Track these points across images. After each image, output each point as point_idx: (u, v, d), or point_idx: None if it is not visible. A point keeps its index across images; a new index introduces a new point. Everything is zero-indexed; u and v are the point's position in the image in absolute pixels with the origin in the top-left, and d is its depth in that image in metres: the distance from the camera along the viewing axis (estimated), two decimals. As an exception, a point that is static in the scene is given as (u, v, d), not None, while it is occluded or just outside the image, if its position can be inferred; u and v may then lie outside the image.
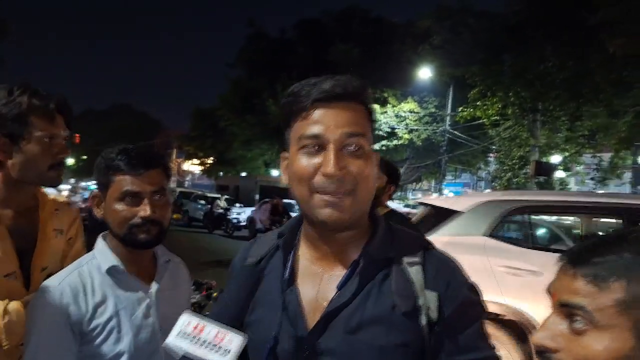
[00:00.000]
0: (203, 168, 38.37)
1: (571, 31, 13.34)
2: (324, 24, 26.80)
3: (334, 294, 0.95)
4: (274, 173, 28.33)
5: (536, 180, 16.83)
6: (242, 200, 24.36)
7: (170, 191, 1.48)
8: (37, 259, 1.56)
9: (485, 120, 17.42)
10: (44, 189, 1.69)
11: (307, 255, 1.02)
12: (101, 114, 65.02)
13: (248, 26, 27.93)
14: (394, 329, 0.91)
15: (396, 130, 22.50)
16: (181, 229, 20.28)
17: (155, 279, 1.43)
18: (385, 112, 22.31)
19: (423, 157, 24.74)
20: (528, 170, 16.94)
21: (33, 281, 1.52)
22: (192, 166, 48.67)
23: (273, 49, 26.62)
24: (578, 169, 20.13)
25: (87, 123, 54.46)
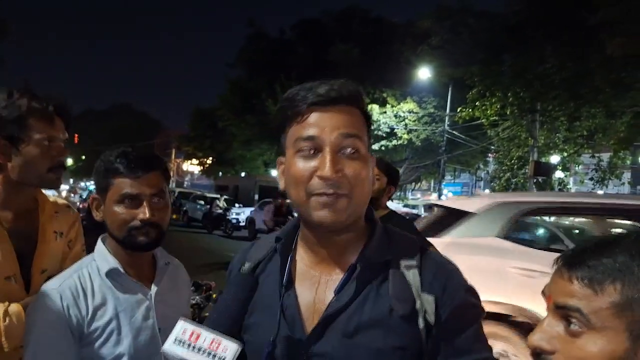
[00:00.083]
0: (202, 168, 38.36)
1: (571, 31, 13.35)
2: (323, 24, 26.81)
3: (332, 298, 0.95)
4: (274, 173, 28.31)
5: (535, 180, 16.85)
6: (242, 201, 24.36)
7: (170, 192, 1.48)
8: (37, 261, 1.56)
9: (484, 120, 17.42)
10: (44, 191, 1.69)
11: (305, 259, 1.02)
12: (101, 114, 64.98)
13: (248, 26, 27.97)
14: (391, 332, 0.91)
15: (395, 130, 22.51)
16: (180, 229, 20.27)
17: (154, 281, 1.44)
18: (385, 112, 22.32)
19: (422, 157, 24.74)
20: (527, 171, 16.96)
21: (33, 284, 1.52)
22: (192, 166, 48.64)
23: (273, 49, 26.63)
24: (577, 169, 20.15)
25: (87, 123, 54.41)
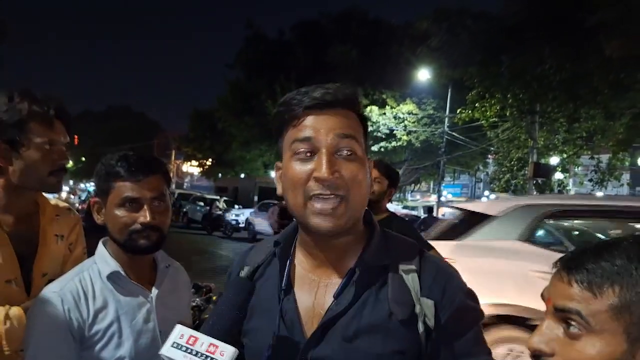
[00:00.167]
0: (202, 169, 38.38)
1: (569, 32, 13.37)
2: (322, 26, 26.83)
3: (331, 302, 0.95)
4: (273, 174, 28.29)
5: (534, 181, 16.87)
6: (241, 202, 24.38)
7: (170, 194, 1.49)
8: (38, 264, 1.57)
9: (483, 121, 17.44)
10: (45, 193, 1.70)
11: (304, 264, 1.02)
12: (100, 116, 64.95)
13: (246, 27, 27.99)
14: (390, 336, 0.91)
15: (395, 131, 22.54)
16: (180, 231, 20.28)
17: (155, 284, 1.44)
18: (384, 114, 22.35)
19: (422, 159, 24.77)
20: (526, 172, 16.98)
21: (34, 287, 1.53)
22: (191, 168, 48.69)
23: (272, 50, 26.65)
24: (576, 170, 20.18)
25: (86, 124, 54.39)
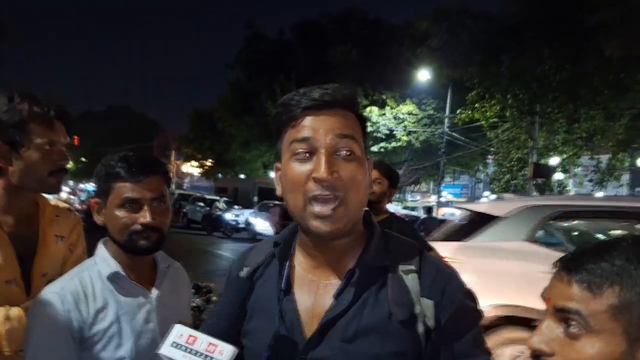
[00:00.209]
0: (202, 170, 38.36)
1: (569, 33, 13.38)
2: (322, 26, 26.83)
3: (331, 303, 0.95)
4: (273, 175, 28.29)
5: (534, 182, 16.88)
6: (241, 202, 24.39)
7: (170, 195, 1.49)
8: (38, 265, 1.57)
9: (483, 122, 17.44)
10: (45, 194, 1.70)
11: (303, 264, 1.02)
12: (100, 116, 64.97)
13: (246, 27, 27.98)
14: (390, 337, 0.91)
15: (395, 132, 22.53)
16: (180, 231, 20.29)
17: (155, 284, 1.44)
18: (384, 114, 22.35)
19: (421, 159, 24.76)
20: (526, 172, 16.99)
21: (34, 287, 1.53)
22: (191, 168, 48.65)
23: (272, 50, 26.63)
24: (576, 171, 20.18)
25: (86, 125, 54.41)
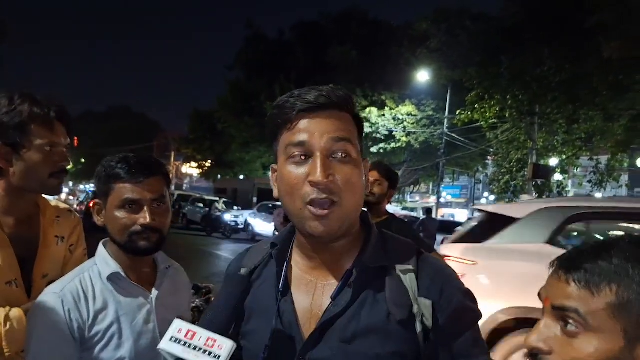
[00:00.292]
0: (201, 171, 38.37)
1: (568, 34, 13.39)
2: (322, 26, 26.85)
3: (329, 303, 0.95)
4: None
5: (534, 183, 16.89)
6: (240, 203, 24.38)
7: (170, 196, 1.49)
8: (38, 266, 1.57)
9: (483, 123, 17.44)
10: (45, 195, 1.70)
11: (301, 265, 1.02)
12: (100, 116, 65.01)
13: (246, 28, 28.00)
14: (389, 337, 0.91)
15: (394, 133, 22.54)
16: (179, 232, 20.29)
17: (155, 285, 1.45)
18: (383, 115, 22.36)
19: (421, 160, 24.77)
20: (526, 173, 16.99)
21: (34, 288, 1.53)
22: (191, 169, 48.64)
23: (271, 51, 26.66)
24: (575, 171, 20.18)
25: (86, 125, 54.44)
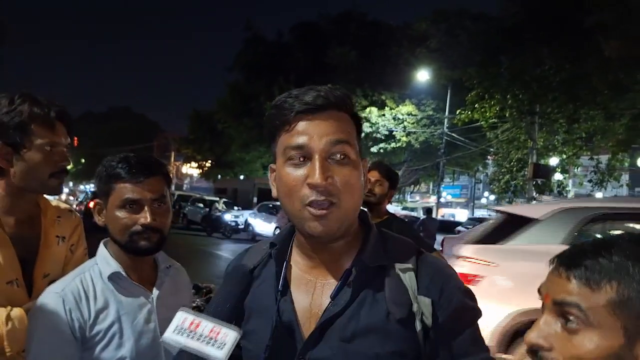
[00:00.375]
0: (201, 171, 38.41)
1: (568, 33, 13.40)
2: (321, 27, 26.86)
3: (328, 302, 0.95)
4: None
5: (534, 182, 16.89)
6: (241, 203, 24.40)
7: (170, 195, 1.49)
8: (39, 266, 1.57)
9: (483, 122, 17.45)
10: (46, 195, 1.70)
11: (300, 265, 1.02)
12: (100, 117, 65.13)
13: (246, 29, 28.00)
14: (389, 336, 0.91)
15: (394, 132, 22.55)
16: (180, 232, 20.31)
17: (156, 284, 1.45)
18: (383, 115, 22.37)
19: (421, 160, 24.79)
20: (526, 173, 17.00)
21: (35, 288, 1.53)
22: (190, 169, 48.69)
23: (270, 52, 26.67)
24: (576, 171, 20.19)
25: (86, 126, 54.52)
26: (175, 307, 1.45)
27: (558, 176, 18.61)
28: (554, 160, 18.58)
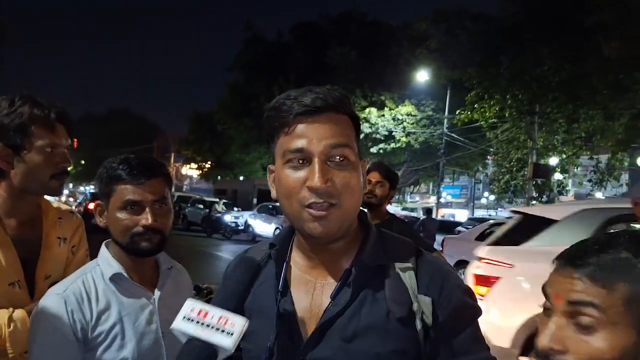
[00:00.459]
0: (201, 172, 38.39)
1: (568, 33, 13.40)
2: (321, 27, 26.84)
3: (328, 303, 0.96)
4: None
5: (534, 182, 16.91)
6: (240, 204, 24.40)
7: (171, 196, 1.50)
8: (41, 267, 1.58)
9: (482, 122, 17.46)
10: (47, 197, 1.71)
11: (300, 265, 1.03)
12: (100, 119, 65.08)
13: (246, 29, 27.98)
14: (389, 336, 0.92)
15: (394, 133, 22.53)
16: (180, 233, 20.30)
17: (157, 285, 1.45)
18: (383, 115, 22.36)
19: (421, 160, 24.77)
20: (526, 173, 17.02)
21: (37, 289, 1.54)
22: (190, 170, 48.64)
23: (270, 52, 26.65)
24: (575, 171, 20.20)
25: (86, 127, 54.48)
26: (176, 308, 1.46)
27: (558, 176, 18.62)
28: (553, 160, 18.58)
